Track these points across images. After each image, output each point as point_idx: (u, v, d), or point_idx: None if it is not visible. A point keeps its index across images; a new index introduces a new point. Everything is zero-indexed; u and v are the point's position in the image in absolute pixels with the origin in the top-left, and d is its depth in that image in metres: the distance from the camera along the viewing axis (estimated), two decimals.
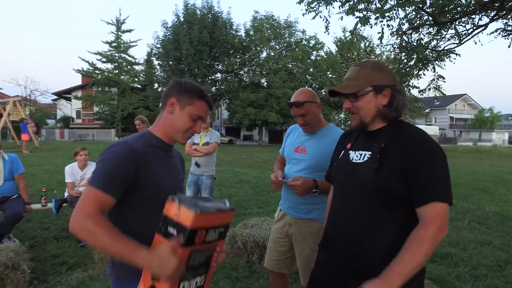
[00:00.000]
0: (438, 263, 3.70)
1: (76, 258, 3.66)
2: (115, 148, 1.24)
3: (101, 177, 1.17)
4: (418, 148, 1.26)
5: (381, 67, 1.38)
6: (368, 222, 1.32)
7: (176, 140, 1.38)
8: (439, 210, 1.19)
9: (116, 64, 32.63)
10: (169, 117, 1.34)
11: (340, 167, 1.48)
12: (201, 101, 1.34)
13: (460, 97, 55.44)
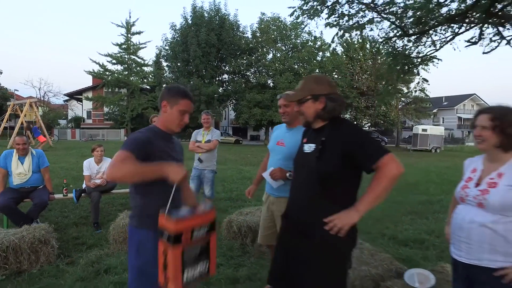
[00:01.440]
0: (410, 247, 4.17)
1: (94, 239, 4.23)
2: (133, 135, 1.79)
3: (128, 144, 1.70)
4: (352, 134, 1.76)
5: (321, 80, 1.88)
6: (312, 197, 1.80)
7: (172, 130, 1.88)
8: (385, 160, 1.65)
9: (126, 66, 33.43)
10: (164, 115, 1.86)
11: (298, 156, 1.99)
12: (184, 100, 1.83)
13: (469, 97, 54.83)
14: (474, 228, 1.68)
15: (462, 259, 1.76)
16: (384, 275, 2.76)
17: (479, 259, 1.67)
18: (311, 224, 1.77)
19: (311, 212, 1.79)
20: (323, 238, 1.71)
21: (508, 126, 1.64)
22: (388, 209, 6.12)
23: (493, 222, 1.64)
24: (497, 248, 1.63)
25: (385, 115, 33.02)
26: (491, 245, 1.64)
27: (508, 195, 1.61)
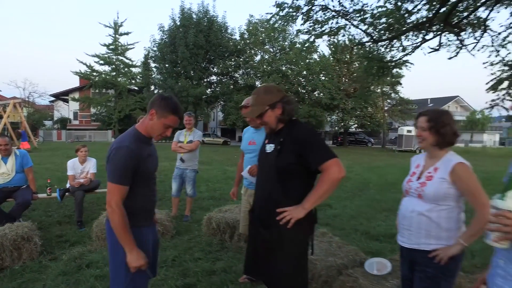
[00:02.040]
0: (380, 241, 4.42)
1: (77, 237, 4.34)
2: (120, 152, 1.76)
3: (116, 175, 1.74)
4: (302, 138, 1.96)
5: (270, 90, 2.07)
6: (271, 191, 2.01)
7: (151, 136, 1.92)
8: (329, 163, 1.87)
9: (114, 67, 33.28)
10: (149, 122, 1.86)
11: (260, 155, 2.20)
12: (173, 116, 1.84)
13: (453, 99, 56.07)
14: (414, 217, 1.91)
15: (405, 245, 1.99)
16: (348, 265, 2.98)
17: (417, 243, 1.90)
18: (270, 216, 1.97)
19: (270, 205, 1.99)
20: (280, 229, 1.91)
21: (442, 127, 1.87)
22: (364, 207, 6.39)
23: (428, 210, 1.87)
24: (431, 233, 1.86)
25: (372, 117, 33.59)
26: (426, 231, 1.87)
27: (440, 186, 1.84)
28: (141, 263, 1.78)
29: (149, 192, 1.95)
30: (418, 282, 1.91)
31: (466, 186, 1.81)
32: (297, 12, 4.35)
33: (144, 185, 1.88)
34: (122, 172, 1.76)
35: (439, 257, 1.81)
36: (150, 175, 1.94)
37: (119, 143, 1.80)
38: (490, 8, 4.64)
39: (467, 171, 1.83)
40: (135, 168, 1.79)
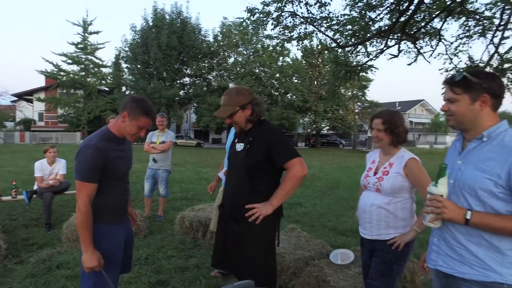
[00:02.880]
0: (346, 236, 4.66)
1: (45, 239, 4.25)
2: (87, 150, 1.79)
3: (83, 172, 1.78)
4: (270, 137, 2.11)
5: (241, 92, 2.19)
6: (241, 187, 2.13)
7: (126, 137, 1.94)
8: (293, 162, 2.03)
9: (83, 66, 32.17)
10: (122, 124, 1.89)
11: (230, 154, 2.32)
12: (145, 118, 1.87)
13: (419, 103, 58.78)
14: (374, 210, 2.09)
15: (367, 236, 2.17)
16: (315, 257, 3.16)
17: (378, 234, 2.09)
18: (239, 211, 2.09)
19: (239, 200, 2.11)
20: (249, 223, 2.05)
21: (396, 128, 2.07)
22: (333, 205, 6.67)
23: (386, 203, 2.06)
24: (390, 224, 2.06)
25: (343, 119, 34.61)
26: (386, 222, 2.06)
27: (395, 180, 2.04)
28: (94, 264, 1.77)
29: (120, 192, 1.98)
30: (374, 266, 2.10)
31: (417, 178, 2.00)
32: (267, 18, 4.55)
33: (115, 185, 1.92)
34: (88, 170, 1.79)
35: (396, 243, 2.01)
36: (121, 175, 1.96)
37: (88, 142, 1.83)
38: (443, 19, 5.07)
39: (418, 165, 2.02)
40: (103, 167, 1.81)
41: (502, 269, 1.32)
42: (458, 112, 1.39)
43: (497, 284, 1.32)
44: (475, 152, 1.39)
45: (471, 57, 6.19)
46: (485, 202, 1.32)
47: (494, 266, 1.32)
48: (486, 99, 1.34)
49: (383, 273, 2.03)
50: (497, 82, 1.36)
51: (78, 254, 3.78)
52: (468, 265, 1.37)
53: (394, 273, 2.03)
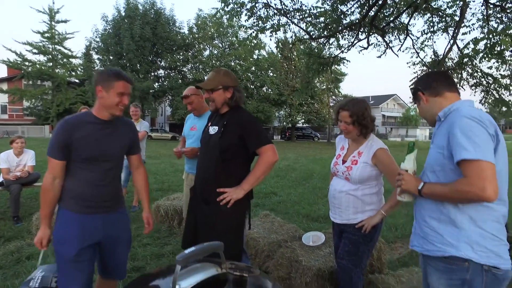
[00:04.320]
0: (319, 222, 4.85)
1: (13, 232, 4.13)
2: (57, 125, 1.80)
3: (49, 146, 1.77)
4: (245, 122, 2.17)
5: (229, 74, 2.25)
6: (214, 169, 2.16)
7: (113, 113, 1.83)
8: (265, 148, 2.09)
9: (50, 57, 30.65)
10: (100, 100, 1.80)
11: (203, 136, 2.36)
12: (119, 81, 1.78)
13: (391, 97, 60.54)
14: (343, 197, 2.19)
15: (337, 220, 2.28)
16: (288, 240, 3.28)
17: (347, 219, 2.20)
18: (210, 192, 2.14)
19: (211, 182, 2.16)
20: (219, 204, 2.10)
21: (363, 119, 2.12)
22: (307, 194, 6.86)
23: (354, 190, 2.16)
24: (358, 209, 2.17)
25: (318, 112, 35.18)
26: (354, 208, 2.17)
27: (364, 170, 2.13)
28: (37, 239, 1.79)
29: (92, 178, 1.83)
30: (342, 246, 2.24)
31: (386, 168, 2.10)
32: (241, 8, 4.59)
33: (86, 168, 1.81)
34: (52, 144, 1.76)
35: (364, 227, 2.13)
36: (90, 157, 1.80)
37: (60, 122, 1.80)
38: (410, 15, 5.32)
39: (386, 155, 2.12)
40: (68, 145, 1.74)
41: (460, 244, 1.36)
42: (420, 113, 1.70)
43: (455, 258, 1.37)
44: (436, 133, 1.54)
45: (436, 52, 6.52)
46: (439, 176, 1.43)
47: (452, 240, 1.37)
48: (421, 95, 1.61)
49: (350, 252, 2.15)
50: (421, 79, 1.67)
51: (50, 245, 3.73)
52: (431, 242, 1.44)
53: (361, 253, 2.15)
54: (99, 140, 1.82)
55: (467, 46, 4.30)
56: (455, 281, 1.39)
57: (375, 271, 2.88)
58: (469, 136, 1.31)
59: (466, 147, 1.29)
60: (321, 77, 8.24)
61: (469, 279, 1.35)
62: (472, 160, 1.28)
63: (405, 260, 3.60)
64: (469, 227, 1.35)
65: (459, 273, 1.37)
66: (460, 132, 1.33)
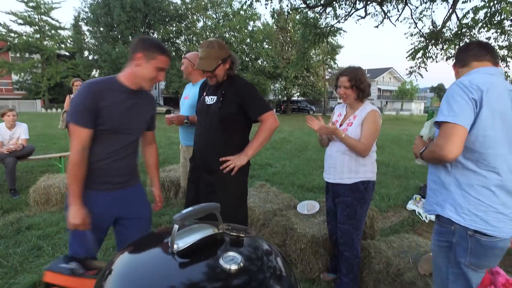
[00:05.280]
0: (314, 192, 4.93)
1: (11, 204, 4.16)
2: (80, 89, 1.59)
3: (73, 113, 1.56)
4: (244, 91, 2.16)
5: (222, 45, 2.19)
6: (214, 139, 2.18)
7: (142, 86, 1.70)
8: (267, 115, 2.12)
9: (37, 28, 29.59)
10: (136, 69, 1.64)
11: (200, 107, 2.34)
12: (163, 56, 1.65)
13: (387, 70, 59.98)
14: (339, 156, 2.28)
15: (331, 180, 2.36)
16: (283, 209, 3.35)
17: (341, 178, 2.28)
18: (212, 162, 2.16)
19: (213, 152, 2.18)
20: (222, 173, 2.13)
21: (361, 83, 2.23)
22: (302, 165, 6.94)
23: (349, 150, 2.24)
24: (352, 168, 2.25)
25: (313, 85, 34.86)
26: (348, 167, 2.25)
27: (356, 130, 2.23)
28: (78, 221, 1.56)
29: (114, 152, 1.67)
30: (340, 212, 2.32)
31: (366, 125, 2.19)
32: None
33: (106, 140, 1.64)
34: (78, 110, 1.56)
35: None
36: (117, 129, 1.65)
37: (84, 85, 1.62)
38: None
39: (374, 116, 2.21)
40: (95, 110, 1.57)
41: (445, 204, 1.43)
42: None
43: (442, 219, 1.45)
44: None
45: (434, 22, 6.39)
46: None
47: (440, 200, 1.46)
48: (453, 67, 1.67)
49: (350, 216, 2.25)
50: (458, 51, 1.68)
51: (48, 216, 3.79)
52: (429, 202, 1.54)
53: (359, 215, 2.25)
54: (126, 110, 1.68)
55: (466, 15, 4.22)
56: (442, 243, 1.46)
57: (367, 238, 2.98)
58: (449, 100, 1.38)
59: (442, 111, 1.39)
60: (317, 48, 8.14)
61: (455, 242, 1.41)
62: (443, 122, 1.37)
63: (396, 228, 3.72)
64: (455, 190, 1.41)
65: (446, 235, 1.44)
66: (444, 97, 1.42)
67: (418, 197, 4.42)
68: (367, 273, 2.41)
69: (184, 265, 0.86)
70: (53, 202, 4.07)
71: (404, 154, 8.76)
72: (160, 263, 0.88)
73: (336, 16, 5.50)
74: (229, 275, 0.82)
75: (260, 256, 0.96)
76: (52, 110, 29.07)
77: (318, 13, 5.98)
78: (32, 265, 2.68)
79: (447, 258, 1.45)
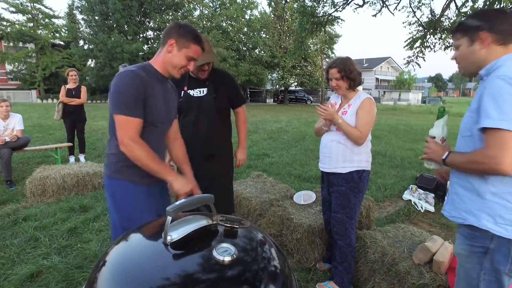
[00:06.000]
0: (310, 182, 4.95)
1: (7, 196, 4.15)
2: (125, 77, 1.47)
3: (123, 104, 1.45)
4: (230, 82, 2.42)
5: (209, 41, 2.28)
6: (215, 127, 2.35)
7: (171, 74, 1.61)
8: (243, 106, 2.46)
9: (30, 16, 29.07)
10: (168, 55, 1.56)
11: (187, 101, 2.32)
12: (196, 45, 1.57)
13: (385, 60, 59.71)
14: (334, 145, 2.27)
15: (326, 169, 2.36)
16: (279, 199, 3.37)
17: (335, 167, 2.29)
18: (212, 147, 2.37)
19: (214, 138, 2.37)
20: (220, 158, 2.42)
21: (350, 73, 2.23)
22: (299, 155, 6.95)
23: (345, 139, 2.24)
24: (346, 158, 2.25)
25: (311, 75, 34.70)
26: (343, 156, 2.26)
27: (351, 119, 2.23)
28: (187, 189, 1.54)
29: (153, 143, 1.57)
30: (334, 201, 2.32)
31: (360, 113, 2.20)
32: None
33: (147, 131, 1.55)
34: (128, 101, 1.45)
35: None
36: (158, 119, 1.59)
37: (124, 70, 1.52)
38: None
39: (369, 103, 2.22)
40: (143, 101, 1.48)
41: (481, 214, 1.27)
42: (460, 56, 1.35)
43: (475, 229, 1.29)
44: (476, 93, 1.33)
45: (433, 11, 6.34)
46: (468, 142, 1.30)
47: (473, 209, 1.29)
48: (484, 36, 1.27)
49: (343, 205, 2.26)
50: (498, 16, 1.28)
51: (45, 207, 3.79)
52: (456, 208, 1.37)
53: (353, 204, 2.26)
54: (165, 99, 1.63)
55: (465, 4, 4.17)
56: (476, 248, 1.31)
57: (363, 228, 3.00)
58: (497, 100, 1.14)
59: (489, 114, 1.15)
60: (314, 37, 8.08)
61: (493, 248, 1.26)
62: (493, 128, 1.14)
63: (392, 218, 3.75)
64: (492, 198, 1.24)
65: (481, 240, 1.29)
66: (488, 95, 1.17)
67: (414, 187, 4.44)
68: (362, 263, 2.43)
69: (177, 256, 0.86)
70: (49, 193, 4.06)
71: (401, 144, 8.78)
72: (154, 255, 0.88)
73: (334, 5, 5.45)
74: (223, 266, 0.82)
75: (254, 247, 0.96)
76: (48, 100, 28.84)
77: (315, 2, 5.91)
78: (29, 256, 2.69)
79: (480, 264, 1.30)
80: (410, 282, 2.04)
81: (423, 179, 4.60)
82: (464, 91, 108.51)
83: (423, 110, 29.66)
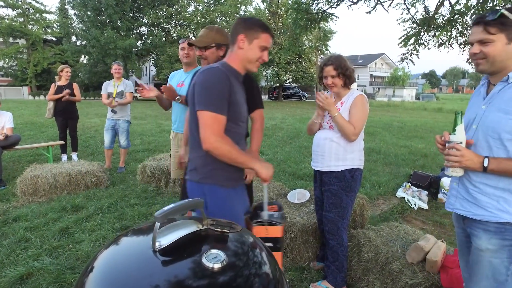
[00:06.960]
0: (304, 180, 4.94)
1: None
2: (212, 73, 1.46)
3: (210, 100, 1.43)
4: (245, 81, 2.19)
5: (222, 32, 2.20)
6: None
7: (249, 69, 1.60)
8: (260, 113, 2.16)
9: (20, 11, 28.59)
10: (241, 52, 1.55)
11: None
12: (265, 34, 1.56)
13: (379, 56, 59.76)
14: (327, 143, 2.26)
15: (318, 168, 2.35)
16: (273, 198, 3.36)
17: (328, 166, 2.27)
18: None
19: None
20: None
21: (346, 70, 2.21)
22: (293, 152, 6.94)
23: (337, 137, 2.23)
24: (339, 156, 2.24)
25: (305, 71, 34.67)
26: (336, 155, 2.24)
27: (344, 116, 2.20)
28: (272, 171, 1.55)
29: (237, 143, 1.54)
30: (326, 200, 2.31)
31: (353, 109, 2.19)
32: None
33: (230, 131, 1.52)
34: (215, 97, 1.43)
35: None
36: (239, 118, 1.57)
37: (209, 66, 1.52)
38: None
39: (362, 100, 2.20)
40: (227, 99, 1.46)
41: None
42: (493, 53, 1.27)
43: (509, 224, 1.31)
44: (500, 95, 1.32)
45: (427, 8, 6.34)
46: (507, 145, 1.28)
47: (509, 207, 1.31)
48: None
49: (335, 204, 2.24)
50: None
51: (36, 207, 3.74)
52: (483, 207, 1.36)
53: (345, 204, 2.25)
54: (242, 97, 1.60)
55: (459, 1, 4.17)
56: (507, 242, 1.33)
57: (357, 227, 3.01)
58: None
59: None
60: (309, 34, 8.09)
61: None
62: None
63: (386, 215, 3.76)
64: None
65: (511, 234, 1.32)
66: None
67: (408, 185, 4.46)
68: (356, 262, 2.43)
69: (166, 263, 0.84)
70: (41, 193, 4.00)
71: (395, 141, 8.82)
72: (142, 261, 0.86)
73: (328, 2, 5.42)
74: (212, 273, 0.80)
75: (244, 252, 0.94)
76: (40, 97, 28.46)
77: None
78: (19, 258, 2.64)
79: (510, 258, 1.32)
80: (403, 281, 2.05)
81: (417, 177, 4.62)
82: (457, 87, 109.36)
83: (417, 106, 29.84)
